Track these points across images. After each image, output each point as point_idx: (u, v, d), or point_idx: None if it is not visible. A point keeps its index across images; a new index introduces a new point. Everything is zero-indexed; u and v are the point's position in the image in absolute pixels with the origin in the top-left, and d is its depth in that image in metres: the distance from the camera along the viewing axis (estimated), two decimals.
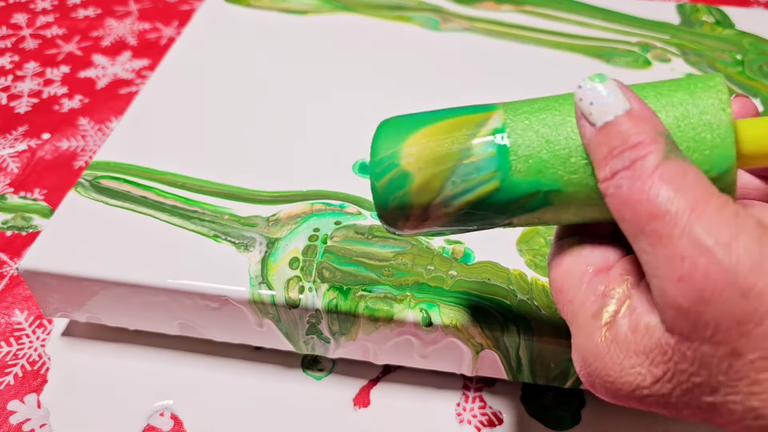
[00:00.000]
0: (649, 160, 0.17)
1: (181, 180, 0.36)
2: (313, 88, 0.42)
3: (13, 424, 0.32)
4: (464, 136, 0.21)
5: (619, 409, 0.32)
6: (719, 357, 0.16)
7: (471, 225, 0.22)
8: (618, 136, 0.18)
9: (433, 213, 0.22)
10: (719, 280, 0.16)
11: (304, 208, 0.34)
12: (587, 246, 0.21)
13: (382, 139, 0.22)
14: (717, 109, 0.19)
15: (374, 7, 0.48)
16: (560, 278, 0.21)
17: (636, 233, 0.17)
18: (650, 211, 0.17)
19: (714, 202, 0.16)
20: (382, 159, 0.22)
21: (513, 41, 0.45)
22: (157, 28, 0.58)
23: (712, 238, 0.16)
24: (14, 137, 0.47)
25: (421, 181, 0.21)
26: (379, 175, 0.22)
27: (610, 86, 0.19)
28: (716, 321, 0.16)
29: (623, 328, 0.18)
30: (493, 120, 0.21)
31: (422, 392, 0.33)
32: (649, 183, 0.17)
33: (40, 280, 0.32)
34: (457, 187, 0.21)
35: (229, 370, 0.34)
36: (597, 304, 0.19)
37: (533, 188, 0.20)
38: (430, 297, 0.30)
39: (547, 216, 0.21)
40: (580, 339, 0.19)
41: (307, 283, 0.31)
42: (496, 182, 0.21)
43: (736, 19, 0.48)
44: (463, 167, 0.21)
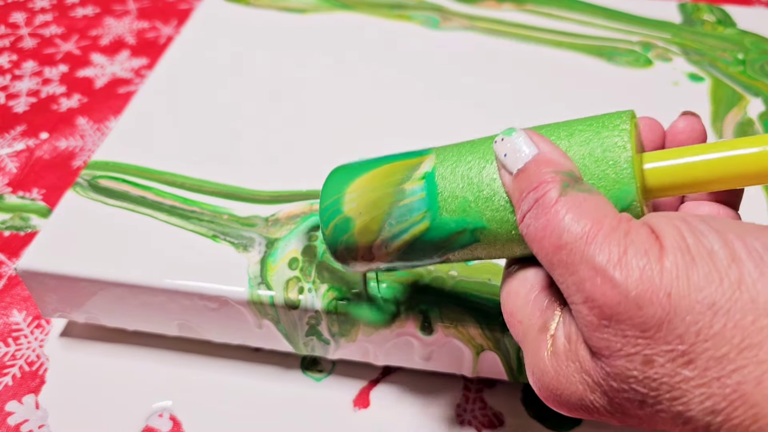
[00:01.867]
0: (548, 196, 0.19)
1: (179, 180, 0.36)
2: (313, 88, 0.41)
3: (11, 425, 0.32)
4: (398, 181, 0.23)
5: None
6: (634, 369, 0.17)
7: (413, 261, 0.24)
8: (526, 179, 0.20)
9: (376, 253, 0.24)
10: (614, 294, 0.17)
11: (304, 208, 0.34)
12: (531, 268, 0.21)
13: (327, 188, 0.25)
14: (618, 147, 0.20)
15: (374, 5, 0.48)
16: (510, 302, 0.21)
17: (549, 266, 0.18)
18: (554, 244, 0.18)
19: (607, 224, 0.18)
20: (327, 206, 0.24)
21: (514, 40, 0.45)
22: (155, 27, 0.58)
23: (605, 258, 0.17)
24: (12, 137, 0.47)
25: (361, 225, 0.23)
26: (326, 222, 0.24)
27: (521, 136, 0.21)
28: (623, 333, 0.17)
29: (561, 339, 0.19)
30: (424, 165, 0.23)
31: (422, 393, 0.33)
32: (549, 217, 0.18)
33: (38, 280, 0.32)
34: (393, 228, 0.23)
35: (228, 371, 0.34)
36: (542, 318, 0.20)
37: (460, 226, 0.22)
38: (431, 298, 0.30)
39: (478, 252, 0.22)
40: (530, 356, 0.20)
41: (306, 284, 0.30)
42: (426, 222, 0.22)
43: (737, 18, 0.48)
44: (397, 209, 0.23)
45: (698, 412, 0.16)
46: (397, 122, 0.39)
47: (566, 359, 0.19)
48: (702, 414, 0.16)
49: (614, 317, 0.17)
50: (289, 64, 0.43)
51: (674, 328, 0.16)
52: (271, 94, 0.41)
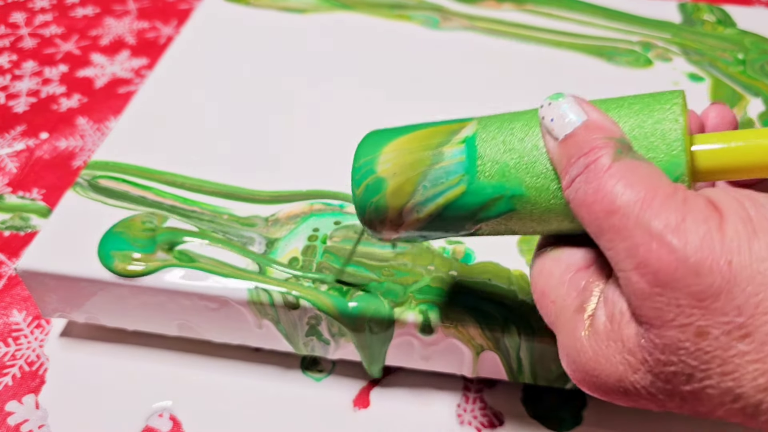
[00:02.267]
0: (601, 161, 0.18)
1: (179, 180, 0.36)
2: (313, 87, 0.41)
3: (11, 425, 0.32)
4: (437, 143, 0.23)
5: (621, 410, 0.32)
6: (685, 340, 0.16)
7: (443, 230, 0.23)
8: (575, 145, 0.19)
9: (406, 217, 0.23)
10: (671, 260, 0.16)
11: (304, 208, 0.34)
12: (566, 249, 0.21)
13: (361, 149, 0.24)
14: (670, 119, 0.20)
15: (374, 5, 0.48)
16: (542, 281, 0.21)
17: (597, 232, 0.18)
18: (606, 209, 0.18)
19: (663, 191, 0.17)
20: (360, 166, 0.24)
21: (514, 40, 0.45)
22: (155, 27, 0.58)
23: (662, 224, 0.17)
24: (12, 137, 0.47)
25: (394, 186, 0.23)
26: (358, 182, 0.24)
27: (569, 102, 0.20)
28: (677, 301, 0.16)
29: (601, 318, 0.19)
30: (465, 129, 0.23)
31: (422, 393, 0.33)
32: (602, 182, 0.18)
33: (38, 280, 0.32)
34: (427, 191, 0.22)
35: (228, 371, 0.34)
36: (579, 299, 0.20)
37: (498, 192, 0.21)
38: (431, 298, 0.30)
39: (512, 222, 0.22)
40: (564, 337, 0.20)
41: (306, 284, 0.30)
42: (463, 186, 0.22)
43: (737, 18, 0.48)
44: (433, 172, 0.22)
45: (750, 389, 0.16)
46: (398, 122, 0.39)
47: (606, 339, 0.18)
48: (754, 391, 0.16)
49: (669, 284, 0.16)
50: (289, 64, 0.43)
51: (733, 299, 0.16)
52: (271, 94, 0.41)
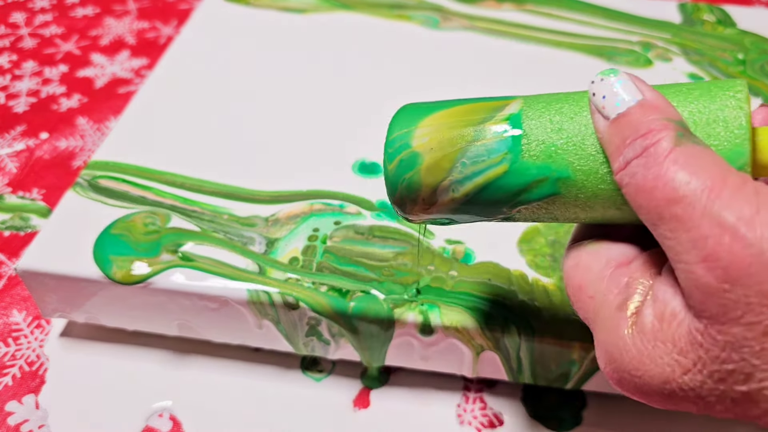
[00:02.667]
0: (661, 145, 0.17)
1: (179, 180, 0.36)
2: (313, 87, 0.41)
3: (11, 425, 0.32)
4: (479, 120, 0.21)
5: (621, 410, 0.32)
6: (752, 338, 0.16)
7: (477, 213, 0.22)
8: (629, 125, 0.18)
9: (440, 196, 0.22)
10: (745, 255, 0.15)
11: (304, 208, 0.34)
12: (605, 243, 0.20)
13: (397, 122, 0.23)
14: (733, 106, 0.19)
15: (374, 5, 0.48)
16: (579, 276, 0.20)
17: (655, 220, 0.17)
18: (668, 196, 0.17)
19: (732, 181, 0.16)
20: (394, 140, 0.22)
21: (514, 40, 0.45)
22: (155, 27, 0.58)
23: (734, 215, 0.16)
24: (12, 137, 0.47)
25: (431, 162, 0.21)
26: (391, 156, 0.22)
27: (623, 79, 0.19)
28: (746, 299, 0.16)
29: (648, 317, 0.18)
30: (510, 107, 0.21)
31: (422, 393, 0.33)
32: (664, 168, 0.17)
33: (38, 280, 0.32)
34: (466, 169, 0.21)
35: (228, 371, 0.34)
36: (621, 296, 0.19)
37: (542, 173, 0.20)
38: (431, 298, 0.30)
39: (554, 207, 0.21)
40: (604, 334, 0.19)
41: (306, 285, 0.30)
42: (505, 165, 0.21)
43: (737, 18, 0.48)
44: (474, 148, 0.21)
45: None
46: None
47: (654, 339, 0.17)
48: None
49: (740, 280, 0.15)
50: (289, 64, 0.43)
51: None
52: (271, 94, 0.41)
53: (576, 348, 0.29)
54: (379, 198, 0.34)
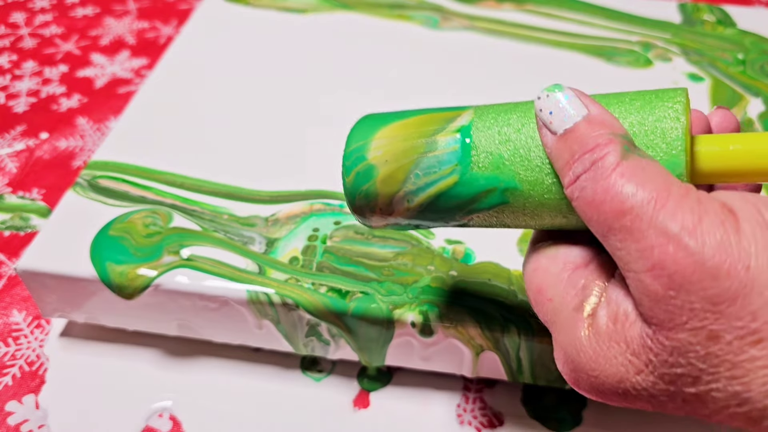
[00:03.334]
0: (608, 159, 0.18)
1: (179, 180, 0.36)
2: (313, 87, 0.41)
3: (11, 425, 0.32)
4: (431, 132, 0.22)
5: (621, 411, 0.32)
6: (696, 343, 0.16)
7: (433, 220, 0.23)
8: (576, 140, 0.19)
9: (397, 206, 0.23)
10: (688, 263, 0.16)
11: (304, 208, 0.34)
12: (563, 246, 0.21)
13: (353, 135, 0.24)
14: (671, 117, 0.19)
15: (374, 5, 0.48)
16: (539, 278, 0.21)
17: (605, 232, 0.18)
18: (616, 208, 0.17)
19: (676, 191, 0.17)
20: (351, 152, 0.23)
21: (514, 40, 0.45)
22: (155, 27, 0.58)
23: (678, 225, 0.16)
24: (12, 137, 0.47)
25: (385, 174, 0.22)
26: (348, 169, 0.23)
27: (568, 94, 0.20)
28: (690, 305, 0.16)
29: (603, 319, 0.18)
30: (461, 118, 0.22)
31: (422, 393, 0.33)
32: (611, 181, 0.17)
33: (38, 280, 0.32)
34: (420, 180, 0.22)
35: (228, 371, 0.34)
36: (578, 298, 0.19)
37: (491, 184, 0.21)
38: (431, 298, 0.30)
39: (504, 216, 0.22)
40: (562, 335, 0.19)
41: (306, 286, 0.30)
42: (455, 176, 0.21)
43: (737, 18, 0.48)
44: (426, 160, 0.22)
45: (758, 394, 0.16)
46: None
47: (608, 340, 0.18)
48: (761, 396, 0.16)
49: (684, 287, 0.16)
50: (288, 64, 0.43)
51: (748, 304, 0.15)
52: (271, 94, 0.41)
53: None
54: None
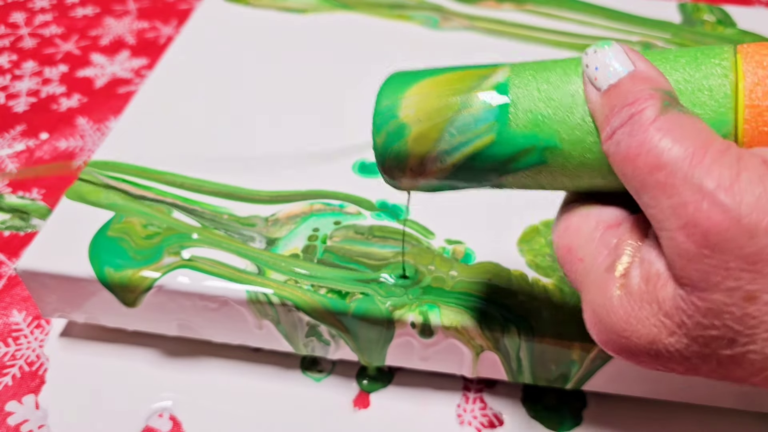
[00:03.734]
0: (646, 113, 0.17)
1: (179, 180, 0.36)
2: (313, 87, 0.41)
3: (11, 425, 0.32)
4: (466, 88, 0.21)
5: (621, 410, 0.32)
6: (733, 304, 0.16)
7: (466, 181, 0.22)
8: (618, 95, 0.18)
9: (429, 166, 0.22)
10: (723, 221, 0.15)
11: (304, 208, 0.34)
12: (596, 206, 0.20)
13: (384, 92, 0.22)
14: (718, 75, 0.19)
15: (374, 5, 0.48)
16: (569, 237, 0.20)
17: (639, 188, 0.17)
18: (650, 163, 0.17)
19: (715, 148, 0.16)
20: (381, 110, 0.22)
21: (514, 40, 0.45)
22: (155, 27, 0.58)
23: (714, 182, 0.16)
24: (12, 137, 0.47)
25: (417, 133, 0.21)
26: (379, 128, 0.22)
27: (616, 50, 0.19)
28: (725, 264, 0.16)
29: (635, 279, 0.18)
30: (496, 75, 0.21)
31: (422, 393, 0.33)
32: (648, 135, 0.17)
33: (37, 280, 0.32)
34: (454, 139, 0.21)
35: (228, 371, 0.34)
36: (610, 257, 0.19)
37: (529, 143, 0.20)
38: (431, 298, 0.30)
39: (541, 176, 0.21)
40: (592, 295, 0.19)
41: (306, 287, 0.30)
42: (492, 135, 0.21)
43: (737, 18, 0.48)
44: (461, 118, 0.21)
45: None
46: None
47: (640, 300, 0.18)
48: None
49: (719, 245, 0.16)
50: (289, 65, 0.43)
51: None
52: (271, 94, 0.41)
53: (576, 348, 0.29)
54: (379, 198, 0.34)
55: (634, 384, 0.30)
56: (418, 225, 0.33)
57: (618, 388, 0.31)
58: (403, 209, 0.34)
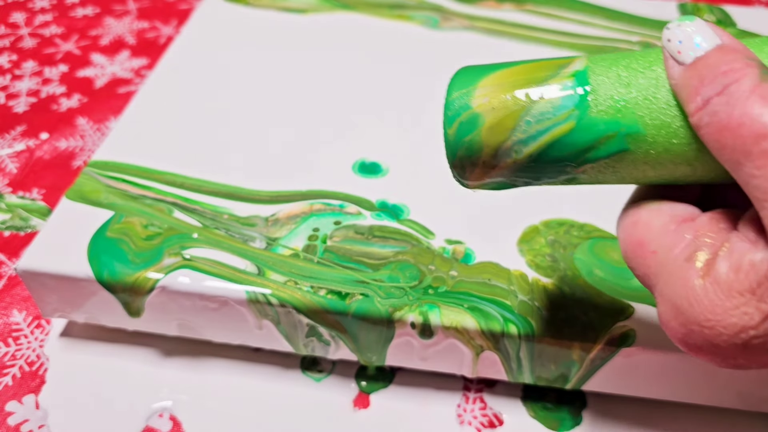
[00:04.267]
0: (745, 82, 0.17)
1: (179, 180, 0.36)
2: (313, 87, 0.41)
3: (11, 425, 0.32)
4: (543, 77, 0.21)
5: (621, 410, 0.32)
6: None
7: (540, 174, 0.21)
8: (707, 67, 0.18)
9: (502, 159, 0.21)
10: None
11: (304, 208, 0.34)
12: (666, 202, 0.20)
13: (455, 83, 0.22)
14: None
15: (374, 5, 0.48)
16: (639, 232, 0.20)
17: (740, 159, 0.17)
18: (756, 132, 0.16)
19: None
20: (453, 101, 0.21)
21: (514, 40, 0.45)
22: (155, 27, 0.58)
23: None
24: (12, 137, 0.47)
25: (493, 122, 0.20)
26: (451, 119, 0.21)
27: (699, 24, 0.19)
28: None
29: (722, 269, 0.17)
30: (575, 64, 0.21)
31: (422, 393, 0.33)
32: (750, 103, 0.16)
33: (38, 280, 0.32)
34: (531, 128, 0.20)
35: (228, 371, 0.34)
36: (689, 249, 0.19)
37: (611, 129, 0.20)
38: (431, 298, 0.30)
39: (622, 165, 0.20)
40: (670, 287, 0.19)
41: (305, 288, 0.30)
42: (572, 121, 0.20)
43: (737, 18, 0.48)
44: (539, 106, 0.20)
45: None
46: (398, 122, 0.39)
47: (729, 290, 0.17)
48: None
49: None
50: (289, 65, 0.43)
51: None
52: (271, 94, 0.41)
53: (576, 348, 0.29)
54: (379, 198, 0.34)
55: (634, 384, 0.30)
56: (418, 225, 0.33)
57: (618, 388, 0.31)
58: (403, 209, 0.34)
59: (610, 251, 0.32)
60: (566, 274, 0.31)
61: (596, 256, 0.32)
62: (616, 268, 0.31)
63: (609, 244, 0.32)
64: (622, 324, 0.29)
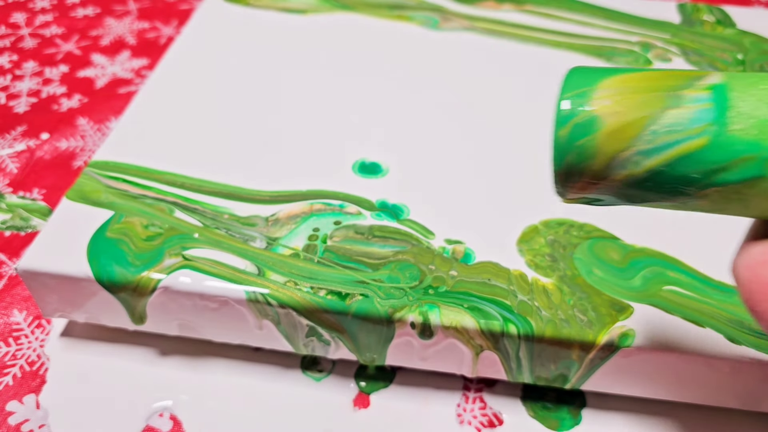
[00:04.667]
0: None
1: (179, 180, 0.36)
2: (313, 88, 0.42)
3: (11, 424, 0.32)
4: (674, 87, 0.19)
5: (621, 410, 0.32)
6: None
7: (654, 194, 0.19)
8: None
9: (615, 170, 0.19)
10: None
11: (304, 208, 0.34)
12: None
13: (571, 81, 0.20)
14: None
15: (374, 6, 0.48)
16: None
17: None
18: None
19: None
20: (568, 99, 0.19)
21: (514, 40, 0.45)
22: (156, 28, 0.58)
23: None
24: (13, 137, 0.47)
25: (614, 126, 0.18)
26: (564, 119, 0.19)
27: None
28: None
29: None
30: (710, 77, 0.19)
31: (422, 393, 0.33)
32: None
33: (38, 280, 0.32)
34: (657, 138, 0.18)
35: (228, 371, 0.34)
36: None
37: (750, 150, 0.18)
38: (431, 298, 0.30)
39: (752, 193, 0.18)
40: None
41: (305, 289, 0.30)
42: (707, 137, 0.18)
43: (737, 18, 0.48)
44: (671, 115, 0.18)
45: None
46: (398, 122, 0.39)
47: None
48: None
49: None
50: (289, 65, 0.43)
51: None
52: (271, 94, 0.41)
53: (575, 348, 0.29)
54: (379, 198, 0.34)
55: (634, 384, 0.30)
56: (418, 225, 0.33)
57: (618, 388, 0.31)
58: (403, 209, 0.34)
59: (609, 251, 0.32)
60: (566, 274, 0.31)
61: (596, 256, 0.32)
62: (615, 268, 0.31)
63: (608, 244, 0.32)
64: (621, 324, 0.29)
